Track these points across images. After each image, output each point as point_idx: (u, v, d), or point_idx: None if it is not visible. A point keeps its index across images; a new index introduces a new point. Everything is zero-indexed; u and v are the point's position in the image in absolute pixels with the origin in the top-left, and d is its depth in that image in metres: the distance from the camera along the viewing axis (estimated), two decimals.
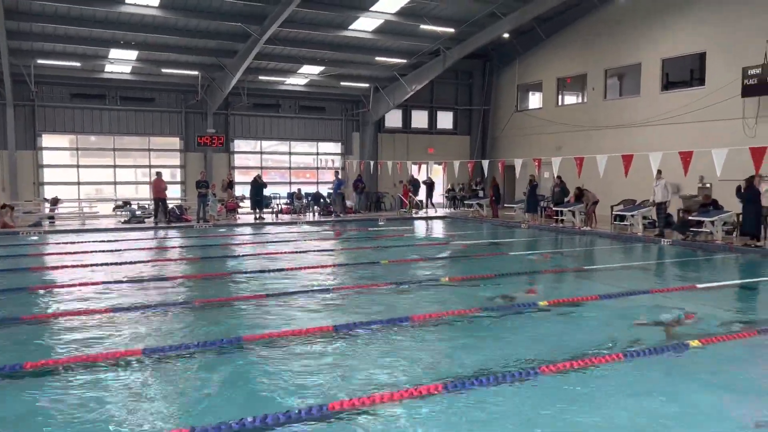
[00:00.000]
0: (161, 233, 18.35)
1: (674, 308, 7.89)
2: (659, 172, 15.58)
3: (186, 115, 24.35)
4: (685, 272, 11.82)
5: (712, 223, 14.80)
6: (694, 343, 6.25)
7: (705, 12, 18.67)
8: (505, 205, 23.63)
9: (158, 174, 20.40)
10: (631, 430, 4.36)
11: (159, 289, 9.34)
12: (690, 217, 15.32)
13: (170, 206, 20.99)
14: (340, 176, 24.27)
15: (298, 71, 24.47)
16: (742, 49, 17.13)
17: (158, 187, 19.94)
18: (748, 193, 13.75)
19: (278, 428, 4.31)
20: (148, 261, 12.41)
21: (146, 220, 20.60)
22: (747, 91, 16.60)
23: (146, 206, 21.84)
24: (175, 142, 24.66)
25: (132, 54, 21.46)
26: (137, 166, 24.72)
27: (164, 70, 22.57)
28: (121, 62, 22.21)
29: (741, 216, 14.49)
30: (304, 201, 24.33)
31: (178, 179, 24.78)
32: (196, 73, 22.99)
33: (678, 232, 15.48)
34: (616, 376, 5.38)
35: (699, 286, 9.61)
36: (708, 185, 17.39)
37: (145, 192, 23.64)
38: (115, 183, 24.04)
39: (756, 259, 12.94)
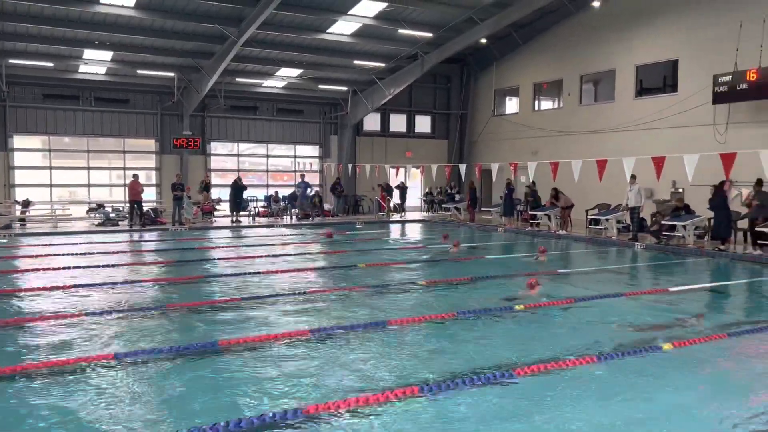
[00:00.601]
0: (136, 236, 18.12)
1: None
2: (633, 177, 15.81)
3: (162, 116, 24.10)
4: (658, 276, 12.00)
5: (684, 227, 15.07)
6: (667, 346, 6.35)
7: (677, 20, 19.02)
8: (482, 208, 23.78)
9: (135, 176, 20.15)
10: (602, 430, 4.41)
11: (132, 293, 9.22)
12: (663, 222, 15.56)
13: (145, 209, 20.75)
14: (305, 179, 23.94)
15: (276, 74, 24.38)
16: (713, 57, 17.48)
17: (134, 189, 19.68)
18: (716, 200, 14.06)
19: None
20: (122, 264, 12.24)
21: (120, 222, 20.32)
22: (717, 98, 16.93)
23: (120, 209, 21.55)
24: (151, 144, 24.39)
25: (107, 54, 21.20)
26: (112, 168, 24.38)
27: (140, 72, 22.32)
28: (95, 63, 21.91)
29: (712, 220, 14.79)
30: (282, 204, 24.23)
31: (154, 181, 24.50)
32: (172, 74, 22.79)
33: (651, 236, 15.72)
34: (589, 379, 5.44)
35: (672, 289, 9.76)
36: (680, 190, 17.68)
37: (119, 194, 23.35)
38: (89, 185, 23.68)
39: (725, 262, 13.20)
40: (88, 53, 20.88)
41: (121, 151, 24.07)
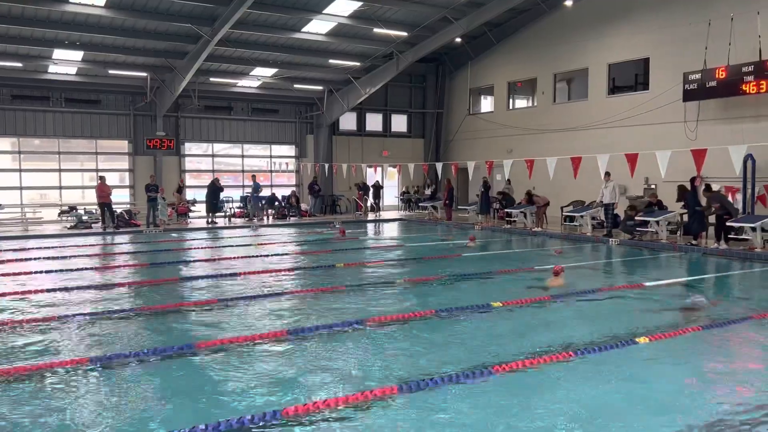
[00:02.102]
0: (109, 239, 17.85)
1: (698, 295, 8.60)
2: (608, 174, 16.04)
3: (134, 117, 23.77)
4: (632, 271, 12.17)
5: (657, 222, 15.32)
6: (642, 339, 6.44)
7: (648, 19, 19.32)
8: (459, 207, 23.89)
9: (102, 178, 19.79)
10: (579, 423, 4.45)
11: (106, 296, 9.07)
12: (636, 217, 15.80)
13: (118, 211, 20.45)
14: (257, 179, 23.60)
15: (251, 73, 24.21)
16: (683, 55, 17.79)
17: (103, 191, 19.33)
18: (686, 197, 14.35)
19: None
20: (96, 267, 12.05)
21: (93, 225, 20.00)
22: (688, 96, 17.24)
23: (93, 211, 21.20)
24: (124, 145, 24.05)
25: (77, 54, 20.84)
26: (84, 170, 23.99)
27: (111, 72, 21.99)
28: (65, 63, 21.54)
29: (685, 216, 15.06)
30: (259, 204, 24.05)
31: (127, 183, 24.16)
32: (144, 74, 22.49)
33: (625, 232, 15.95)
34: (566, 374, 5.49)
35: (646, 284, 9.91)
36: (653, 186, 17.97)
37: (92, 196, 22.91)
38: (60, 187, 23.27)
39: (697, 257, 13.45)
40: (58, 53, 20.51)
41: (93, 152, 23.69)
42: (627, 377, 5.45)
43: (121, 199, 22.78)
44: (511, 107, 25.34)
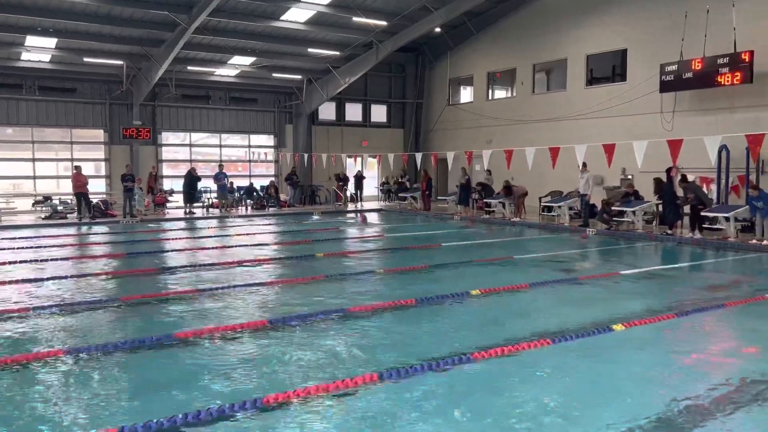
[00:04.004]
0: (85, 229, 17.61)
1: None
2: (584, 164, 16.19)
3: (110, 106, 23.40)
4: (608, 260, 12.33)
5: (634, 212, 15.52)
6: (617, 327, 6.55)
7: (626, 10, 19.46)
8: (438, 197, 23.96)
9: (77, 168, 19.47)
10: (556, 408, 4.52)
11: (83, 287, 8.97)
12: (613, 207, 16.00)
13: (94, 201, 20.16)
14: (223, 169, 22.94)
15: (229, 62, 23.94)
16: (660, 46, 17.96)
17: (78, 181, 19.01)
18: (662, 188, 14.57)
19: (212, 424, 4.23)
20: (72, 258, 11.89)
21: (69, 215, 19.71)
22: (664, 87, 17.43)
23: (69, 201, 20.88)
24: (99, 134, 23.66)
25: (51, 42, 20.40)
26: (59, 159, 23.58)
27: (86, 59, 21.58)
28: (39, 50, 21.10)
29: (661, 206, 15.29)
30: (237, 195, 23.90)
31: (103, 173, 23.81)
32: (120, 62, 22.12)
33: (602, 222, 16.14)
34: (544, 360, 5.56)
35: (622, 272, 10.05)
36: (630, 176, 18.17)
37: (67, 186, 22.55)
38: (34, 177, 22.85)
39: (672, 246, 13.68)
40: (31, 40, 20.06)
41: (68, 141, 23.28)
42: (604, 363, 5.54)
43: (97, 189, 22.45)
44: (490, 98, 25.41)
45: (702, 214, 14.11)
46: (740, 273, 10.70)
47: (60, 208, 20.09)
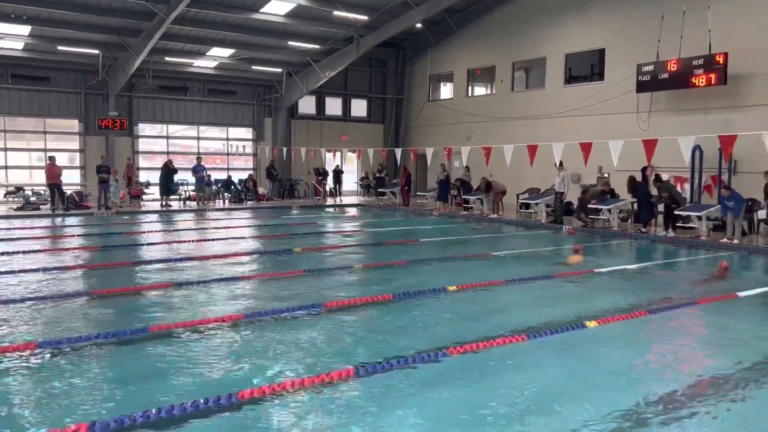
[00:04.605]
0: (59, 221, 17.33)
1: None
2: (561, 163, 16.35)
3: (85, 96, 23.03)
4: (584, 257, 12.44)
5: (609, 210, 15.72)
6: (591, 323, 6.63)
7: (605, 10, 19.66)
8: (417, 193, 24.01)
9: (51, 159, 19.15)
10: (531, 403, 4.57)
11: (55, 279, 8.83)
12: (589, 205, 16.19)
13: (68, 192, 19.85)
14: (201, 162, 22.59)
15: (208, 53, 23.71)
16: (638, 47, 18.18)
17: (52, 172, 18.70)
18: (638, 186, 14.79)
19: (186, 419, 4.20)
20: (45, 249, 11.69)
21: (42, 206, 19.38)
22: (641, 87, 17.66)
23: (42, 192, 20.52)
24: (74, 124, 23.29)
25: (24, 29, 20.00)
26: (32, 149, 23.16)
27: (61, 48, 21.21)
28: (11, 38, 20.68)
29: (636, 204, 15.51)
30: (214, 188, 23.70)
31: (78, 164, 23.44)
32: (96, 51, 21.76)
33: (578, 220, 16.32)
34: (519, 355, 5.62)
35: (596, 270, 10.17)
36: (606, 175, 18.39)
37: (40, 177, 22.18)
38: (6, 167, 22.42)
39: (646, 244, 13.88)
40: (4, 27, 19.64)
41: (42, 131, 22.88)
42: (578, 359, 5.61)
43: (71, 180, 22.09)
44: (470, 94, 25.51)
45: (675, 213, 14.34)
46: (711, 272, 10.89)
47: (33, 199, 19.75)
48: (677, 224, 14.53)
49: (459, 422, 4.26)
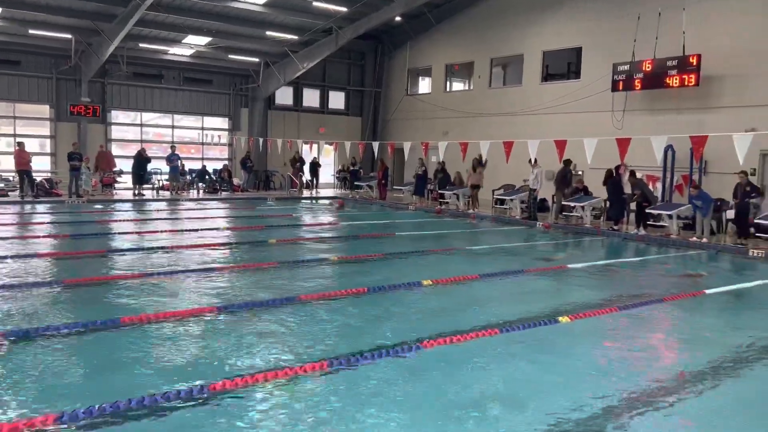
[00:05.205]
0: (27, 208, 16.98)
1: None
2: (535, 160, 16.49)
3: (57, 81, 22.53)
4: (557, 253, 12.62)
5: (582, 207, 15.92)
6: (563, 319, 6.72)
7: (582, 9, 19.83)
8: (394, 187, 24.02)
9: (20, 144, 18.72)
10: (502, 396, 4.62)
11: (24, 268, 8.65)
12: (563, 203, 16.37)
13: (38, 179, 19.45)
14: (175, 150, 22.37)
15: (184, 41, 23.35)
16: (613, 46, 18.39)
17: (21, 158, 18.27)
18: (610, 182, 15.01)
19: (157, 410, 4.16)
20: (12, 237, 11.45)
21: (10, 193, 18.96)
22: (616, 86, 17.87)
23: (11, 178, 20.07)
24: (45, 110, 22.77)
25: None
26: (0, 134, 22.58)
27: (32, 32, 20.70)
28: None
29: (608, 202, 15.73)
30: (188, 177, 23.42)
31: (48, 150, 22.96)
32: (69, 36, 21.29)
33: (553, 216, 16.50)
34: (491, 349, 5.67)
35: (569, 266, 10.31)
36: (580, 172, 18.60)
37: (9, 163, 21.68)
38: None
39: (618, 241, 14.09)
40: None
41: (11, 116, 22.34)
42: (550, 353, 5.68)
43: (41, 167, 21.63)
44: (448, 89, 25.57)
45: (647, 211, 14.58)
46: (680, 269, 11.11)
47: (1, 185, 19.31)
48: (648, 222, 14.77)
49: (433, 415, 4.29)
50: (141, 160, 21.03)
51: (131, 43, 22.22)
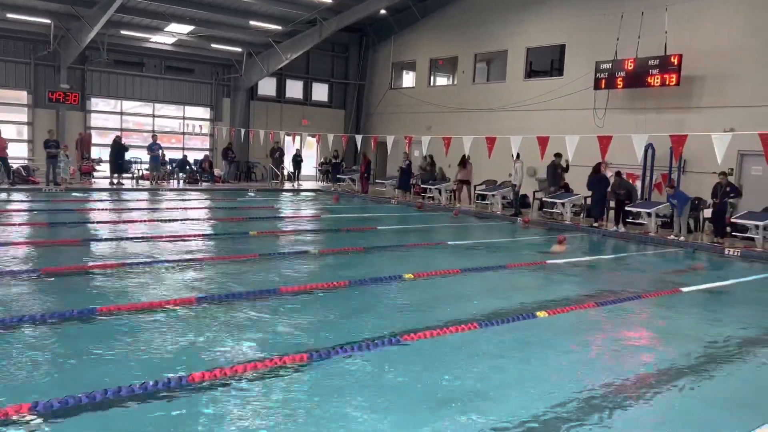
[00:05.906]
0: (3, 195, 16.68)
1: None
2: (518, 156, 16.57)
3: (35, 67, 22.11)
4: (538, 249, 12.69)
5: (563, 204, 16.04)
6: (541, 314, 6.77)
7: (566, 6, 19.91)
8: (376, 180, 24.00)
9: None
10: (478, 390, 4.65)
11: (0, 257, 8.52)
12: (544, 199, 16.48)
13: (15, 166, 19.10)
14: (156, 140, 22.13)
15: (166, 29, 23.03)
16: (596, 44, 18.50)
17: None
18: (591, 178, 15.15)
19: (134, 401, 4.12)
20: None
21: None
22: (598, 84, 18.00)
23: None
24: (22, 95, 22.35)
25: None
26: None
27: (9, 15, 20.28)
28: None
29: (589, 199, 15.87)
30: (169, 167, 23.17)
31: (25, 137, 22.55)
32: (48, 21, 20.90)
33: (535, 212, 16.61)
34: (471, 343, 5.70)
35: (548, 262, 10.38)
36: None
37: None
38: None
39: (597, 238, 14.23)
40: None
41: None
42: (528, 347, 5.72)
43: (18, 153, 21.26)
44: (432, 84, 25.56)
45: (626, 208, 14.74)
46: (658, 267, 11.25)
47: None
48: (627, 220, 14.93)
49: (413, 408, 4.29)
50: (118, 148, 20.74)
51: (112, 30, 21.87)
